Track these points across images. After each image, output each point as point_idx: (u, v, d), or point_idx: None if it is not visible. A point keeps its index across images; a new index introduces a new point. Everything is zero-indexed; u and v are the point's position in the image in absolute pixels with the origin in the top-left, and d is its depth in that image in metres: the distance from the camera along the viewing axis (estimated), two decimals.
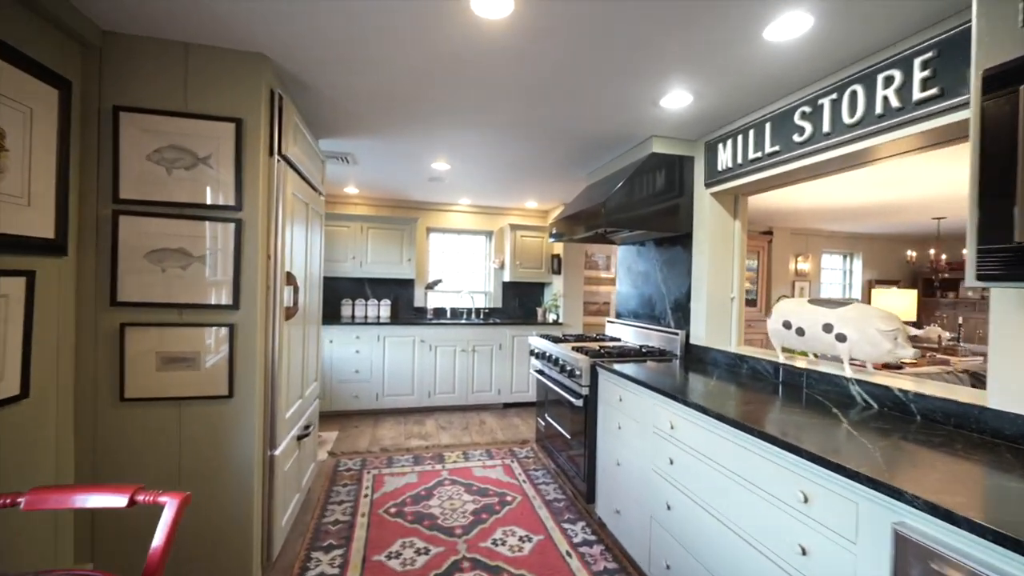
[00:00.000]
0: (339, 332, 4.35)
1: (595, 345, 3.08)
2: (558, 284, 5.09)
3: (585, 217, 2.83)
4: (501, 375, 4.76)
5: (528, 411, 4.72)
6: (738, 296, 2.60)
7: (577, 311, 5.01)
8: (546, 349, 3.11)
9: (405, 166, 3.57)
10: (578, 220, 2.94)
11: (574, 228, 3.04)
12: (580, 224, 2.92)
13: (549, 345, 3.09)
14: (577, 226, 2.98)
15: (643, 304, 3.26)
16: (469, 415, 4.55)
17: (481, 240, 5.54)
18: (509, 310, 5.47)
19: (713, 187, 2.53)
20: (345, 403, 4.38)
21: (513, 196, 4.67)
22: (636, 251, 3.37)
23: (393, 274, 4.82)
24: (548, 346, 3.09)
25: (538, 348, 3.30)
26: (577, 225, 2.97)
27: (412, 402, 4.55)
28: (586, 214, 2.81)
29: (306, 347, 2.46)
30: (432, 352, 4.58)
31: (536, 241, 5.18)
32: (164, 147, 1.73)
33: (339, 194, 4.78)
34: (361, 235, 4.71)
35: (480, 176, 3.84)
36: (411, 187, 4.37)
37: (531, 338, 3.47)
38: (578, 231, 3.00)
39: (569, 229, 3.13)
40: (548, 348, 3.07)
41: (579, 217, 2.92)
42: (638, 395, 2.13)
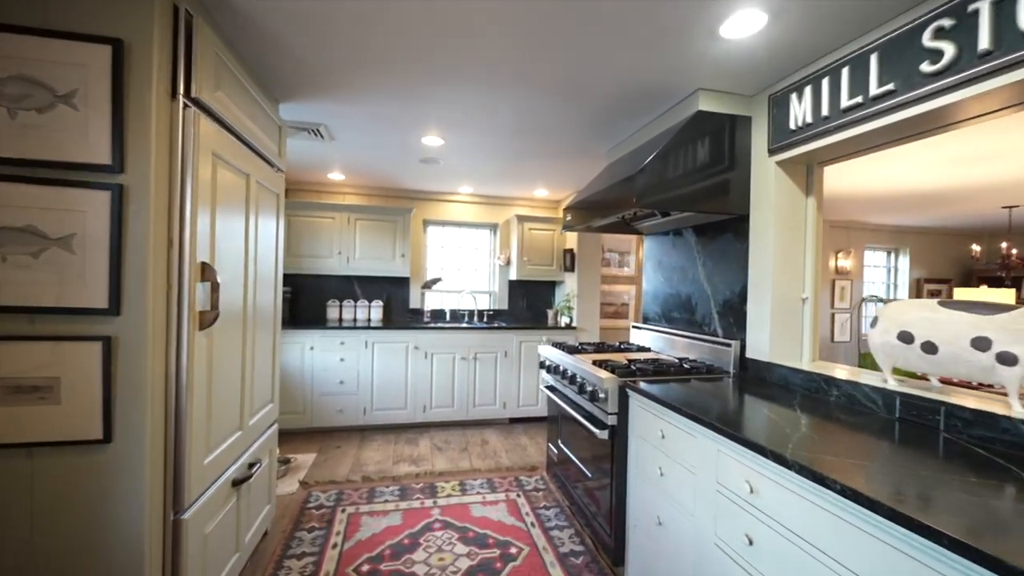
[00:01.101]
0: (321, 338, 3.81)
1: (621, 358, 2.48)
2: (571, 283, 4.50)
3: (609, 198, 2.24)
4: (507, 386, 4.19)
5: (538, 427, 4.14)
6: (812, 297, 1.99)
7: (593, 314, 4.41)
8: (560, 361, 2.52)
9: (391, 141, 3.00)
10: (599, 202, 2.36)
11: (593, 213, 2.45)
12: (601, 207, 2.34)
13: (563, 356, 2.51)
14: (597, 210, 2.39)
15: (679, 306, 2.65)
16: (469, 433, 3.98)
17: (484, 234, 4.97)
18: (516, 312, 4.89)
19: (781, 153, 1.93)
20: (327, 419, 3.84)
21: (519, 183, 4.09)
22: (670, 242, 2.77)
23: (385, 272, 4.27)
24: (562, 358, 2.50)
25: (550, 359, 2.71)
26: (597, 209, 2.39)
27: (404, 417, 3.99)
28: (610, 194, 2.22)
29: (251, 361, 1.90)
30: (428, 360, 4.02)
31: (546, 235, 4.59)
32: (4, 78, 1.19)
33: (323, 181, 4.24)
34: (348, 227, 4.17)
35: (480, 155, 3.27)
36: (403, 172, 3.81)
37: (541, 347, 2.88)
38: (598, 217, 2.42)
39: (586, 215, 2.55)
40: (562, 360, 2.49)
41: (600, 198, 2.34)
42: (691, 433, 1.53)
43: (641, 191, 1.96)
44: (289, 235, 4.06)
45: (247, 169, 1.80)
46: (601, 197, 2.35)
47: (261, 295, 2.01)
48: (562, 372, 2.44)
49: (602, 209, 2.35)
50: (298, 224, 4.07)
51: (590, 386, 2.10)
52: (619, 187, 2.13)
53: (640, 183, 1.96)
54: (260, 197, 1.96)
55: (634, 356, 2.57)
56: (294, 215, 4.06)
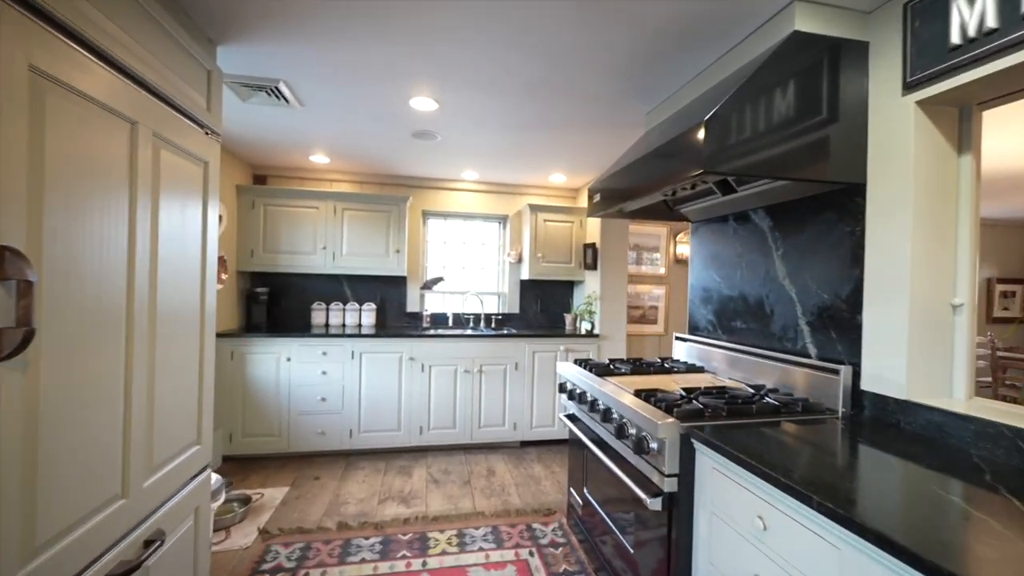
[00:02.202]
0: (299, 347, 3.24)
1: (670, 383, 1.85)
2: (593, 283, 3.87)
3: (653, 168, 1.62)
4: (517, 405, 3.57)
5: (554, 453, 3.52)
6: (969, 303, 1.34)
7: (619, 319, 3.78)
8: (587, 388, 1.90)
9: (374, 106, 2.42)
10: (639, 176, 1.73)
11: (628, 192, 1.82)
12: (641, 183, 1.71)
13: (591, 381, 1.89)
14: (635, 188, 1.76)
15: (744, 313, 2.01)
16: (473, 459, 3.37)
17: (492, 227, 4.37)
18: (528, 317, 4.28)
19: (927, 87, 1.28)
20: (307, 442, 3.27)
21: (533, 166, 3.48)
22: (729, 229, 2.13)
23: (377, 270, 3.69)
24: (589, 383, 1.88)
25: (572, 383, 2.09)
26: (636, 186, 1.76)
27: (398, 440, 3.40)
28: (657, 162, 1.60)
29: (145, 391, 1.32)
30: (425, 373, 3.43)
31: (564, 227, 3.97)
32: None
33: (305, 166, 3.68)
34: (335, 218, 3.60)
35: (485, 126, 2.66)
36: (395, 152, 3.23)
37: (561, 365, 2.26)
38: (635, 197, 1.79)
39: (618, 196, 1.92)
40: (590, 387, 1.86)
41: (641, 171, 1.71)
42: (823, 536, 0.90)
43: (712, 152, 1.33)
44: (264, 228, 3.50)
45: (133, 114, 1.22)
46: (642, 169, 1.72)
47: (172, 296, 1.43)
48: (590, 403, 1.82)
49: (643, 185, 1.73)
50: (275, 215, 3.52)
51: (634, 429, 1.48)
52: (672, 150, 1.51)
53: (710, 140, 1.33)
54: (167, 161, 1.38)
55: (687, 381, 1.93)
56: (270, 204, 3.51)
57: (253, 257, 3.48)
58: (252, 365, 3.19)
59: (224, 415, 3.16)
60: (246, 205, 3.47)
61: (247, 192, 3.46)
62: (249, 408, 3.19)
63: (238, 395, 3.17)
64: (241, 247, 3.46)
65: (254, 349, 3.19)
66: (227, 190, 3.30)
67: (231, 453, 3.18)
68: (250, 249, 3.48)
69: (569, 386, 2.13)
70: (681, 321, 4.58)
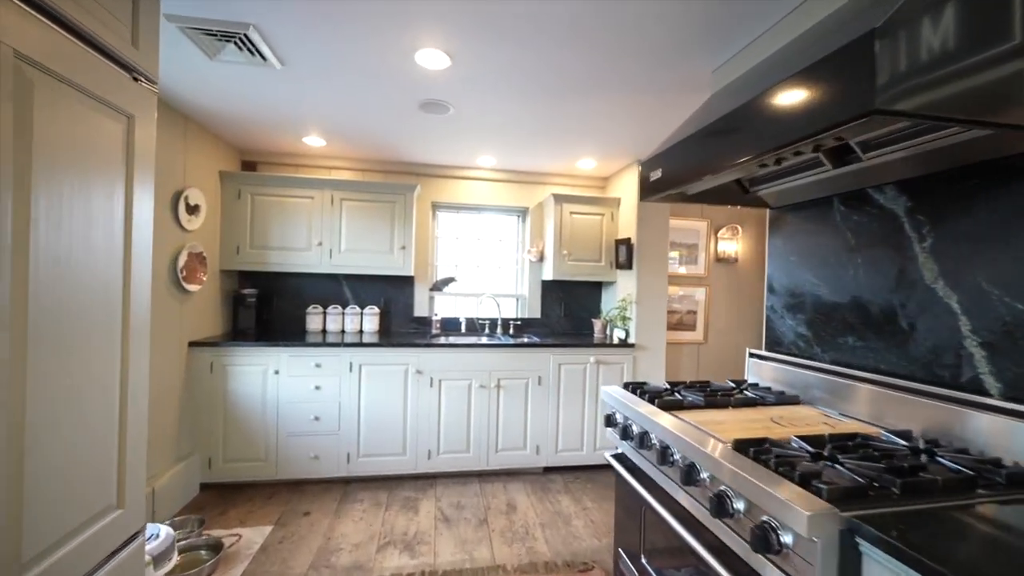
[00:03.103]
0: (290, 358, 2.80)
1: (769, 423, 1.35)
2: (627, 284, 3.37)
3: (761, 120, 1.12)
4: (541, 425, 3.09)
5: (584, 481, 3.02)
6: None
7: (657, 326, 3.27)
8: (649, 427, 1.41)
9: (372, 65, 1.95)
10: (730, 137, 1.23)
11: (711, 160, 1.33)
12: (735, 146, 1.22)
13: (654, 417, 1.39)
14: (722, 153, 1.27)
15: (859, 326, 1.50)
16: (490, 490, 2.89)
17: (511, 221, 3.89)
18: (551, 322, 3.79)
19: None
20: (298, 467, 2.82)
21: (561, 148, 2.99)
22: (837, 215, 1.62)
23: (381, 268, 3.23)
24: (652, 420, 1.38)
25: (626, 417, 1.60)
26: (723, 151, 1.27)
27: (402, 466, 2.94)
28: (770, 106, 1.10)
29: (12, 438, 0.87)
30: (434, 389, 2.96)
31: (593, 220, 3.48)
32: None
33: (299, 151, 3.23)
34: (332, 209, 3.15)
35: (507, 94, 2.18)
36: (400, 131, 2.76)
37: (607, 391, 1.77)
38: (721, 165, 1.29)
39: (690, 167, 1.43)
40: (656, 427, 1.37)
41: (737, 128, 1.21)
42: None
43: (892, 78, 0.83)
44: (252, 220, 3.07)
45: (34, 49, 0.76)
46: (731, 132, 1.23)
47: (62, 304, 0.97)
48: (659, 451, 1.32)
49: (731, 153, 1.23)
50: (264, 206, 3.08)
51: (741, 503, 0.99)
52: (797, 94, 1.01)
53: (890, 57, 0.83)
54: (48, 103, 0.92)
55: (791, 420, 1.43)
56: (258, 193, 3.07)
57: (239, 254, 3.05)
58: (235, 379, 2.75)
59: (202, 437, 2.72)
60: (231, 194, 3.03)
61: (232, 179, 3.03)
62: (231, 429, 2.75)
63: (218, 413, 2.74)
64: (225, 242, 3.03)
65: (237, 360, 2.75)
66: (208, 177, 2.87)
67: (210, 480, 2.74)
68: (235, 245, 3.04)
69: (620, 419, 1.64)
70: (724, 328, 4.05)
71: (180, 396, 2.61)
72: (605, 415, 1.72)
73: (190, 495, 2.65)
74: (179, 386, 2.61)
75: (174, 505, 2.49)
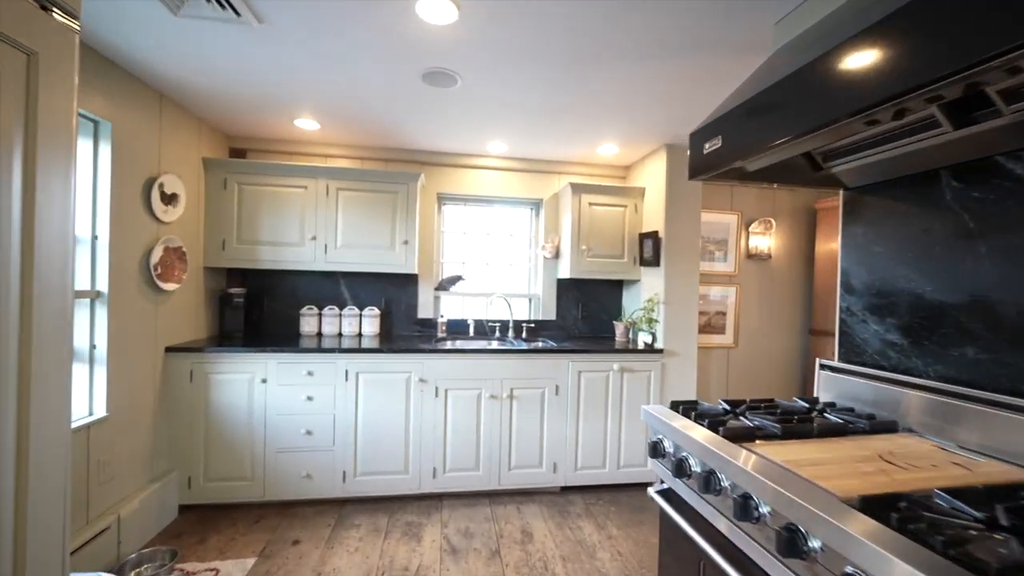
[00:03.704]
0: (278, 365, 2.50)
1: (879, 463, 1.02)
2: (653, 283, 3.04)
3: (886, 55, 0.80)
4: (558, 439, 2.77)
5: (607, 503, 2.69)
6: None
7: (688, 330, 2.94)
8: (717, 464, 1.08)
9: (365, 21, 1.65)
10: (820, 88, 0.91)
11: (811, 115, 1.00)
12: (833, 99, 0.90)
13: (721, 451, 1.07)
14: (825, 103, 0.95)
15: (980, 335, 1.17)
16: (502, 513, 2.58)
17: (523, 214, 3.57)
18: (567, 325, 3.47)
19: None
20: (288, 487, 2.53)
21: (582, 130, 2.67)
22: (946, 193, 1.28)
23: (381, 265, 2.93)
24: (720, 455, 1.06)
25: (680, 449, 1.27)
26: (828, 100, 0.95)
27: (404, 486, 2.63)
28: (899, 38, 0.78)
29: None
30: (440, 399, 2.65)
31: (615, 213, 3.16)
32: None
33: (291, 136, 2.93)
34: (327, 200, 2.86)
35: (525, 56, 1.87)
36: (402, 109, 2.46)
37: (652, 411, 1.44)
38: (820, 120, 0.97)
39: (768, 131, 1.11)
40: (729, 467, 1.04)
41: (835, 73, 0.89)
42: None
43: None
44: (239, 212, 2.78)
45: None
46: (851, 60, 0.91)
47: None
48: (738, 500, 0.99)
49: (844, 95, 0.91)
50: (252, 196, 2.79)
51: None
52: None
53: None
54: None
55: (903, 456, 1.10)
56: (246, 182, 2.78)
57: (225, 250, 2.76)
58: (217, 388, 2.46)
59: (181, 453, 2.43)
60: (215, 183, 2.75)
61: (216, 167, 2.74)
62: (214, 444, 2.46)
63: (199, 427, 2.45)
64: (209, 237, 2.74)
65: (220, 367, 2.46)
66: (190, 164, 2.58)
67: (191, 502, 2.45)
68: (221, 239, 2.75)
69: (670, 449, 1.32)
70: (756, 330, 3.71)
71: (155, 408, 2.33)
72: (651, 443, 1.39)
73: (167, 519, 2.36)
74: (154, 397, 2.32)
75: (146, 532, 2.20)
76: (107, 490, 2.02)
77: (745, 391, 3.71)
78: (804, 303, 3.79)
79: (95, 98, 1.92)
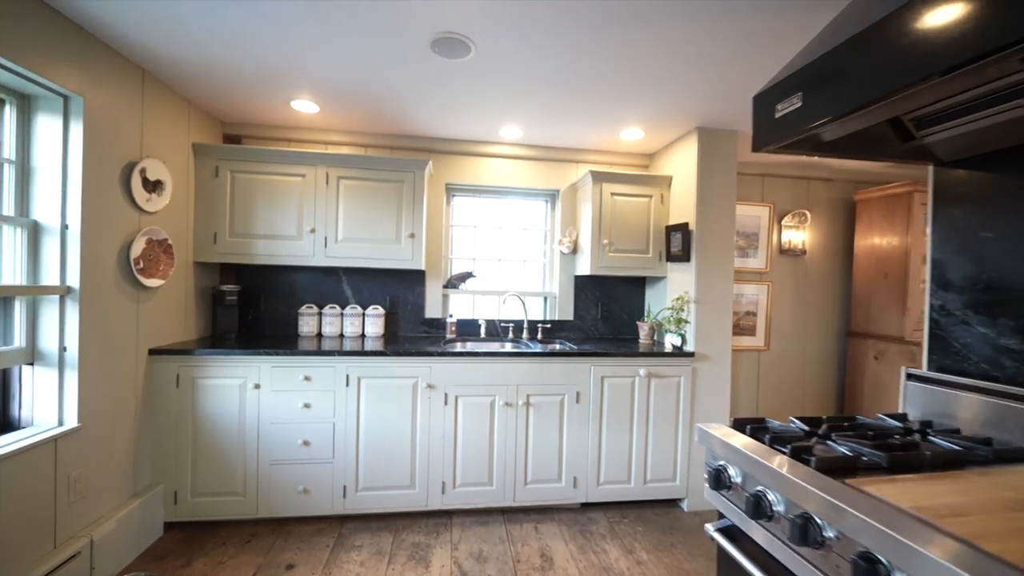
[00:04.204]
0: (273, 369, 2.28)
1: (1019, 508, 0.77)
2: (682, 280, 2.78)
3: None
4: (579, 451, 2.52)
5: (633, 522, 2.44)
6: None
7: (722, 331, 2.67)
8: (825, 511, 0.83)
9: None
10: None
11: (946, 51, 0.76)
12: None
13: (840, 502, 0.82)
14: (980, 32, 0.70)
15: None
16: (518, 533, 2.34)
17: (538, 207, 3.33)
18: (587, 326, 3.22)
19: None
20: (283, 504, 2.30)
21: (605, 112, 2.43)
22: None
23: (385, 260, 2.70)
24: (841, 506, 0.81)
25: (747, 473, 1.02)
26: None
27: (411, 502, 2.40)
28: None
29: None
30: (450, 407, 2.42)
31: (639, 204, 2.90)
32: None
33: (288, 122, 2.70)
34: (327, 190, 2.63)
35: (552, 13, 1.62)
36: (408, 85, 2.22)
37: (709, 430, 1.19)
38: (962, 56, 0.72)
39: (882, 80, 0.86)
40: (863, 526, 0.79)
41: None
42: None
43: None
44: (232, 202, 2.56)
45: None
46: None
47: None
48: (866, 567, 0.74)
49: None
50: (246, 185, 2.57)
51: None
52: None
53: None
54: None
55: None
56: (240, 170, 2.56)
57: (217, 243, 2.54)
58: (206, 394, 2.24)
59: (166, 466, 2.22)
60: (206, 171, 2.53)
61: (207, 153, 2.52)
62: (202, 456, 2.24)
63: (186, 437, 2.23)
64: (200, 229, 2.53)
65: (209, 371, 2.24)
66: (177, 149, 2.37)
67: (177, 519, 2.24)
68: (212, 232, 2.54)
69: (737, 480, 1.07)
70: (789, 332, 3.43)
71: (137, 416, 2.11)
72: (711, 470, 1.14)
73: (150, 538, 2.14)
74: (136, 404, 2.10)
75: (125, 555, 1.98)
76: (79, 510, 1.80)
77: (777, 399, 3.44)
78: (841, 303, 3.51)
79: (65, 70, 1.70)
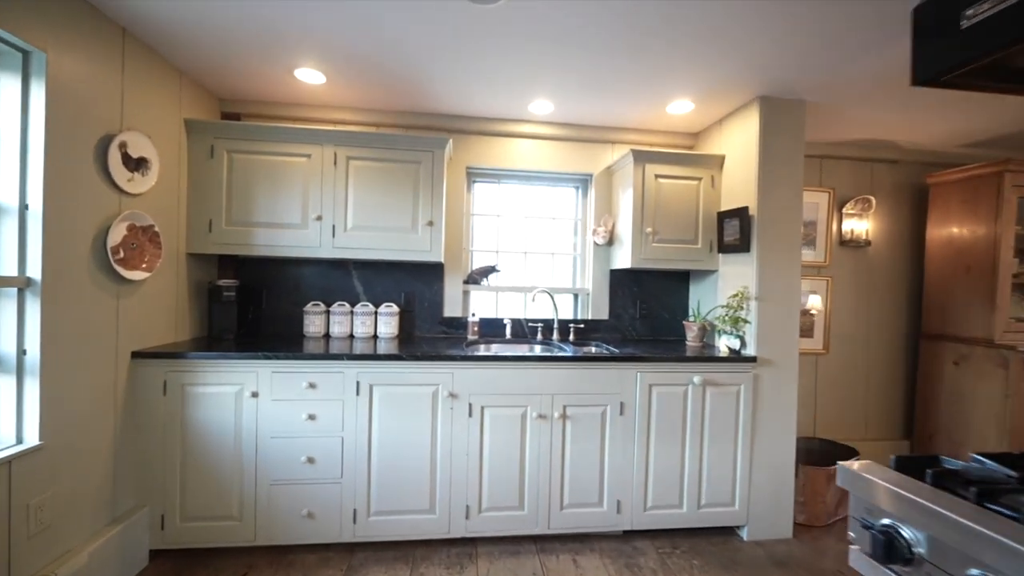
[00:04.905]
0: (273, 375, 1.98)
1: None
2: (738, 273, 2.42)
3: None
4: (622, 471, 2.18)
5: (686, 553, 2.09)
6: None
7: (788, 332, 2.31)
8: None
9: None
10: None
11: None
12: None
13: None
14: None
15: None
16: (555, 565, 2.00)
17: (569, 194, 2.99)
18: (624, 326, 2.88)
19: None
20: (284, 529, 2.00)
21: (652, 79, 2.08)
22: None
23: (400, 252, 2.39)
24: None
25: (957, 547, 0.68)
26: None
27: (430, 529, 2.08)
28: None
29: None
30: (475, 419, 2.10)
31: (687, 188, 2.56)
32: None
33: (292, 97, 2.40)
34: (335, 172, 2.34)
35: None
36: (425, 42, 1.91)
37: (865, 474, 0.84)
38: None
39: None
40: None
41: None
42: None
43: None
44: (229, 187, 2.28)
45: None
46: None
47: None
48: None
49: None
50: (245, 166, 2.28)
51: None
52: None
53: None
54: None
55: None
56: (238, 150, 2.27)
57: (212, 232, 2.26)
58: (198, 403, 1.95)
59: (152, 486, 1.93)
60: (201, 151, 2.25)
61: (201, 130, 2.24)
62: (193, 474, 1.95)
63: (174, 452, 1.94)
64: (193, 216, 2.25)
65: (201, 377, 1.95)
66: (166, 125, 2.09)
67: (164, 546, 1.95)
68: (207, 219, 2.25)
69: (921, 550, 0.73)
70: (851, 334, 3.05)
71: (117, 429, 1.83)
72: (875, 533, 0.79)
73: (133, 568, 1.86)
74: (116, 415, 1.82)
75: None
76: (41, 543, 1.52)
77: (837, 410, 3.06)
78: (912, 301, 3.11)
79: (25, 20, 1.42)
